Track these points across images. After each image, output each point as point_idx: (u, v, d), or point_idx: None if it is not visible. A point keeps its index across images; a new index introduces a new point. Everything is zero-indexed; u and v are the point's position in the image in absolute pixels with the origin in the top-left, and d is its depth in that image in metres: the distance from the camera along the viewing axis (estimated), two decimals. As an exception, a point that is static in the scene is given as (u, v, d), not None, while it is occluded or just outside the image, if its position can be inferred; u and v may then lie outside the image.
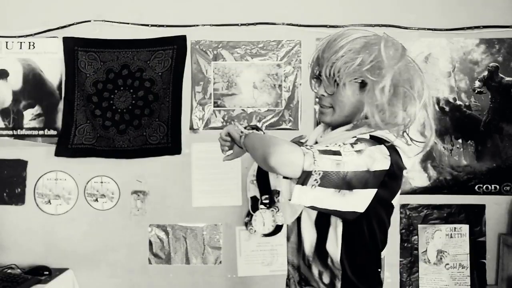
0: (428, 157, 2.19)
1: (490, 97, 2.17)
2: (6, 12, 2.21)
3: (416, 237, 2.20)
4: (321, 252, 1.20)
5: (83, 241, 2.22)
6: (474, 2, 2.17)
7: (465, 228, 2.19)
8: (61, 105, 2.22)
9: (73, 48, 2.20)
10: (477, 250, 2.19)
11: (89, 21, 2.20)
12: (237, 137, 1.27)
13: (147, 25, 2.20)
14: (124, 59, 2.21)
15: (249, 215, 2.06)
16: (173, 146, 2.21)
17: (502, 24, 2.16)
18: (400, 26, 2.17)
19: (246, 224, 2.14)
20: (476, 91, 2.18)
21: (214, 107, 2.22)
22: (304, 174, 1.01)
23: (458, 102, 2.19)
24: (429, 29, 2.17)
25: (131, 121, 2.21)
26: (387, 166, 1.08)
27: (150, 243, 2.23)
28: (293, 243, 1.31)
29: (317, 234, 1.20)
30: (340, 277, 1.18)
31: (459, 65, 2.18)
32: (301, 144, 1.14)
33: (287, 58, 2.21)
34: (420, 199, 2.21)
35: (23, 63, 2.22)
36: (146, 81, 2.21)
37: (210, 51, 2.21)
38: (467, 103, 2.18)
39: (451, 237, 2.19)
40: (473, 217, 2.19)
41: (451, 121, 2.19)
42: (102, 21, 2.20)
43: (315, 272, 1.22)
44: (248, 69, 2.21)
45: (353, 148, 1.06)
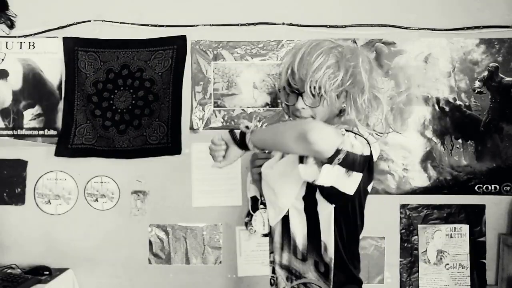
0: (428, 157, 2.19)
1: (490, 97, 2.17)
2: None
3: (416, 237, 2.20)
4: (315, 243, 1.26)
5: (83, 241, 2.22)
6: (474, 2, 2.17)
7: (465, 228, 2.19)
8: (61, 105, 2.22)
9: (73, 48, 2.20)
10: (477, 250, 2.19)
11: (89, 21, 2.20)
12: (231, 140, 1.27)
13: (147, 25, 2.20)
14: (124, 59, 2.21)
15: (249, 215, 2.05)
16: (173, 146, 2.21)
17: (502, 24, 2.16)
18: (400, 26, 2.17)
19: (246, 224, 2.13)
20: (476, 91, 2.18)
21: (214, 107, 2.22)
22: (336, 152, 1.05)
23: (458, 102, 2.18)
24: (429, 29, 2.17)
25: (131, 121, 2.21)
26: (369, 153, 1.18)
27: (150, 243, 2.23)
28: (277, 243, 1.35)
29: (308, 227, 1.26)
30: (332, 262, 1.24)
31: (459, 65, 2.18)
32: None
33: (287, 58, 2.21)
34: (420, 199, 2.21)
35: (23, 63, 2.22)
36: (146, 81, 2.21)
37: (210, 51, 2.21)
38: (467, 103, 2.18)
39: (451, 237, 2.19)
40: (473, 217, 2.19)
41: (451, 121, 2.19)
42: (102, 21, 2.20)
43: (310, 263, 1.27)
44: (248, 69, 2.21)
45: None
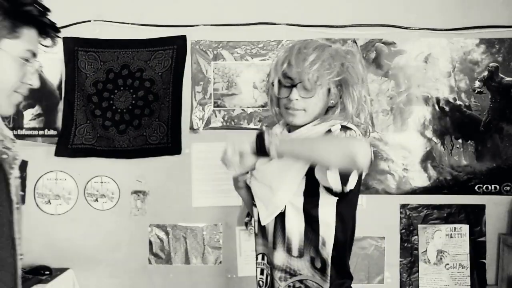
0: (428, 157, 2.19)
1: (490, 97, 2.17)
2: (6, 12, 2.21)
3: (416, 237, 2.19)
4: (313, 238, 1.27)
5: (83, 241, 2.22)
6: (474, 2, 2.17)
7: (465, 228, 2.19)
8: (61, 105, 2.22)
9: (73, 48, 2.20)
10: (477, 250, 2.19)
11: (89, 21, 2.19)
12: (252, 149, 1.19)
13: (147, 25, 2.20)
14: (124, 59, 2.21)
15: (249, 215, 2.06)
16: (173, 146, 2.21)
17: (502, 24, 2.16)
18: (400, 26, 2.17)
19: (246, 224, 2.14)
20: (476, 91, 2.18)
21: (214, 107, 2.22)
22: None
23: (458, 102, 2.18)
24: (429, 29, 2.17)
25: (131, 121, 2.21)
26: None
27: (150, 243, 2.23)
28: (269, 243, 1.35)
29: (306, 224, 1.27)
30: (330, 258, 1.26)
31: (459, 65, 2.18)
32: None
33: (287, 58, 2.21)
34: (420, 199, 2.21)
35: (23, 63, 2.21)
36: (146, 81, 2.21)
37: (210, 51, 2.21)
38: (467, 103, 2.18)
39: (451, 237, 2.19)
40: (473, 217, 2.19)
41: (451, 121, 2.19)
42: (102, 21, 2.20)
43: (306, 259, 1.28)
44: (248, 69, 2.21)
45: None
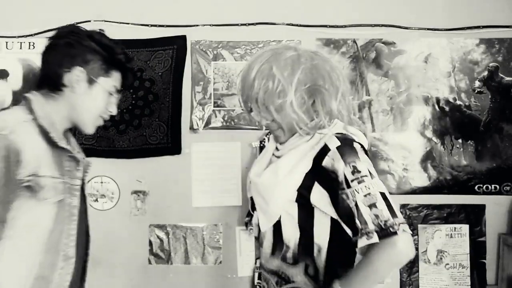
0: (428, 157, 2.19)
1: (490, 97, 2.17)
2: (6, 12, 2.21)
3: (416, 237, 2.20)
4: (308, 246, 1.29)
5: (83, 241, 2.22)
6: (474, 2, 2.17)
7: (465, 228, 2.19)
8: (61, 105, 2.22)
9: (73, 48, 2.20)
10: (477, 250, 2.19)
11: (89, 21, 2.19)
12: None
13: (147, 25, 2.20)
14: (124, 59, 2.21)
15: (249, 215, 2.05)
16: (173, 146, 2.21)
17: (502, 24, 2.16)
18: (400, 26, 2.17)
19: (246, 224, 2.13)
20: (476, 91, 2.18)
21: (214, 107, 2.22)
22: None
23: (458, 102, 2.18)
24: (429, 29, 2.17)
25: (131, 121, 2.21)
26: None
27: (150, 243, 2.23)
28: (267, 248, 1.37)
29: (300, 232, 1.29)
30: (323, 266, 1.28)
31: (459, 65, 2.18)
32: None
33: (287, 58, 2.20)
34: (420, 199, 2.21)
35: (23, 63, 2.21)
36: (146, 81, 2.21)
37: (210, 51, 2.21)
38: (467, 103, 2.18)
39: (451, 237, 2.19)
40: (473, 217, 2.19)
41: (451, 121, 2.19)
42: (102, 21, 2.19)
43: (301, 266, 1.30)
44: (248, 69, 2.21)
45: (367, 177, 1.22)
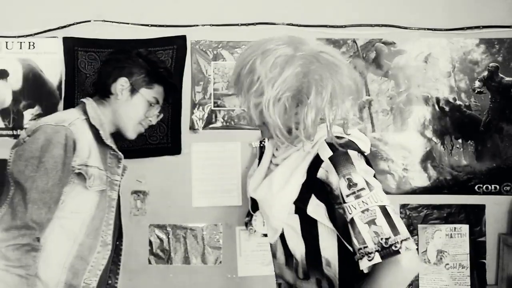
0: (428, 157, 2.19)
1: (490, 97, 2.17)
2: (6, 12, 2.20)
3: (416, 237, 2.20)
4: (315, 259, 1.22)
5: (83, 241, 2.22)
6: (474, 2, 2.17)
7: (465, 228, 2.19)
8: (61, 105, 2.22)
9: (73, 48, 2.20)
10: (477, 250, 2.19)
11: (89, 21, 2.19)
12: None
13: (147, 25, 2.20)
14: (124, 59, 2.20)
15: (249, 215, 2.06)
16: (173, 146, 2.21)
17: (502, 24, 2.16)
18: (400, 26, 2.17)
19: (246, 224, 2.14)
20: (476, 91, 2.18)
21: (214, 107, 2.22)
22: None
23: (458, 102, 2.18)
24: (429, 29, 2.17)
25: (131, 121, 2.21)
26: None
27: (150, 243, 2.23)
28: (280, 260, 1.32)
29: (305, 244, 1.23)
30: (337, 279, 1.20)
31: (459, 65, 2.18)
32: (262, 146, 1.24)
33: (287, 58, 2.20)
34: (420, 199, 2.21)
35: (23, 63, 2.21)
36: (146, 81, 2.21)
37: (210, 51, 2.21)
38: (467, 103, 2.18)
39: (451, 237, 2.19)
40: (473, 217, 2.19)
41: (451, 121, 2.19)
42: (102, 21, 2.20)
43: (313, 281, 1.24)
44: (248, 69, 2.21)
45: (364, 190, 1.13)
